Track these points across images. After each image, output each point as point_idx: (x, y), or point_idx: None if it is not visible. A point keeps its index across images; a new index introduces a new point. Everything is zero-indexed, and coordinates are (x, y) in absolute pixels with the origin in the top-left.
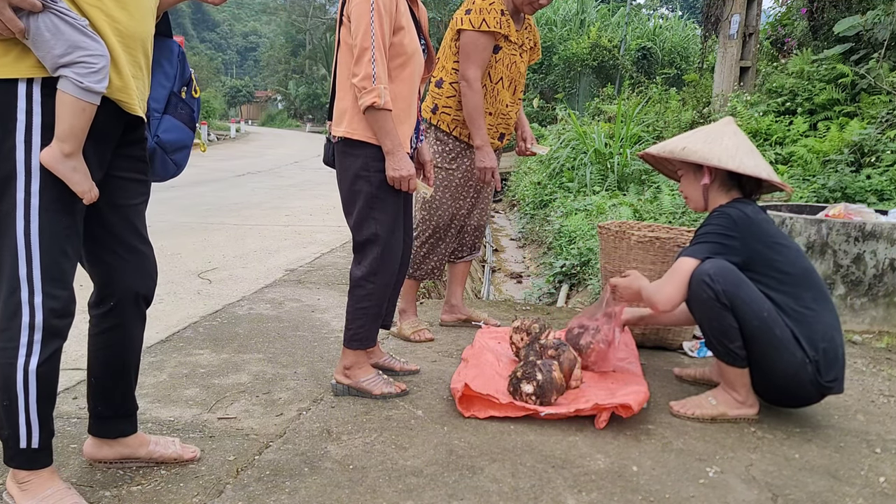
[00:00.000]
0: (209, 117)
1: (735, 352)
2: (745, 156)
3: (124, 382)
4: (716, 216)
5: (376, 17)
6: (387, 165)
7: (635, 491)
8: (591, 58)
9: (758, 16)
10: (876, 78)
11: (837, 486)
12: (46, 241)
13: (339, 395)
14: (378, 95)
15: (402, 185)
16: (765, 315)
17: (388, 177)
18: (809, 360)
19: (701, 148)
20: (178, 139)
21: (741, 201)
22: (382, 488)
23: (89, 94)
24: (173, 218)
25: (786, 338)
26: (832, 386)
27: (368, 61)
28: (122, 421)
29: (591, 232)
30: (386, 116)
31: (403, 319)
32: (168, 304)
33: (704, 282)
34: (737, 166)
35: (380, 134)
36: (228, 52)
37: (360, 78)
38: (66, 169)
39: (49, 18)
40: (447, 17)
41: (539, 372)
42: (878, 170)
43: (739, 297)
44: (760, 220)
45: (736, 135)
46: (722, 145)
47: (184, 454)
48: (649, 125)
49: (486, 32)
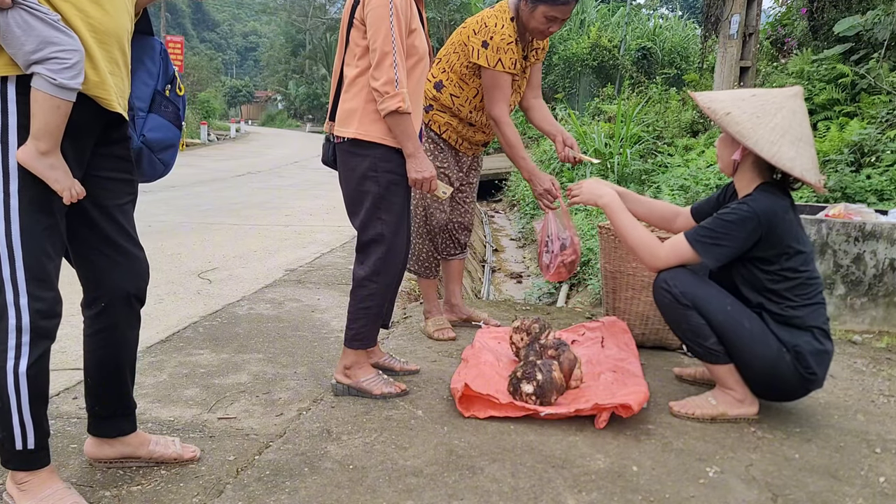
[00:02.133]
0: (209, 117)
1: (712, 349)
2: (789, 144)
3: (120, 382)
4: (742, 209)
5: (395, 21)
6: (409, 168)
7: (635, 491)
8: (591, 58)
9: (758, 16)
10: (876, 78)
11: (837, 486)
12: (28, 241)
13: (339, 394)
14: (403, 100)
15: (425, 187)
16: (728, 309)
17: (411, 179)
18: (787, 350)
19: (745, 122)
20: (164, 137)
21: (772, 191)
22: (382, 488)
23: (63, 91)
24: (173, 218)
25: (756, 329)
26: (813, 379)
27: (390, 66)
28: (120, 420)
29: (591, 232)
30: (409, 120)
31: (428, 318)
32: (168, 304)
33: (663, 288)
34: (772, 155)
35: (401, 137)
36: (228, 52)
37: (383, 82)
38: (43, 167)
39: (19, 14)
40: (447, 17)
41: (539, 372)
42: (878, 170)
43: (698, 295)
44: (787, 220)
45: (794, 114)
46: (770, 125)
47: (184, 454)
48: (649, 125)
49: (503, 71)
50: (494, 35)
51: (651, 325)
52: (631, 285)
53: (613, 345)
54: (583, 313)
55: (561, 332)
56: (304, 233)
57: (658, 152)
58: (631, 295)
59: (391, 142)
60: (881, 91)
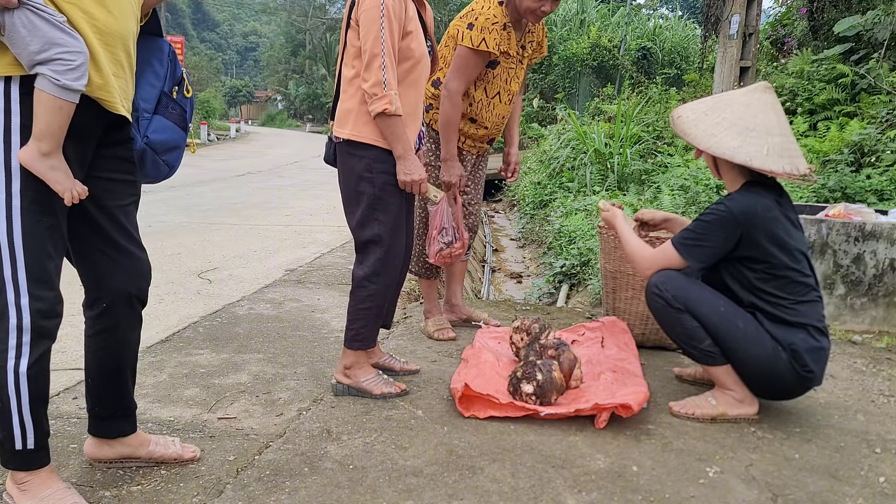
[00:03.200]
0: (209, 117)
1: (708, 351)
2: (734, 135)
3: (121, 383)
4: (719, 209)
5: (386, 22)
6: (398, 169)
7: (635, 491)
8: (591, 58)
9: (758, 16)
10: (876, 78)
11: (837, 486)
12: (29, 241)
13: (339, 394)
14: (389, 102)
15: (414, 189)
16: (721, 310)
17: (400, 181)
18: (783, 348)
19: (690, 121)
20: (168, 139)
21: (756, 190)
22: (382, 488)
23: (67, 92)
24: (173, 218)
25: (751, 329)
26: (810, 377)
27: (379, 67)
28: (120, 420)
29: (591, 232)
30: (397, 122)
31: (428, 318)
32: (168, 304)
33: (654, 293)
34: (708, 147)
35: (391, 139)
36: (228, 52)
37: (371, 84)
38: (44, 168)
39: (25, 14)
40: (447, 17)
41: (539, 372)
42: (878, 170)
43: (690, 297)
44: (771, 217)
45: (747, 107)
46: (714, 120)
47: (184, 454)
48: (649, 125)
49: (483, 52)
50: (479, 16)
51: (651, 325)
52: (631, 285)
53: (613, 345)
54: (583, 313)
55: (561, 332)
56: (304, 233)
57: (658, 152)
58: (631, 295)
59: (384, 144)
60: (881, 91)
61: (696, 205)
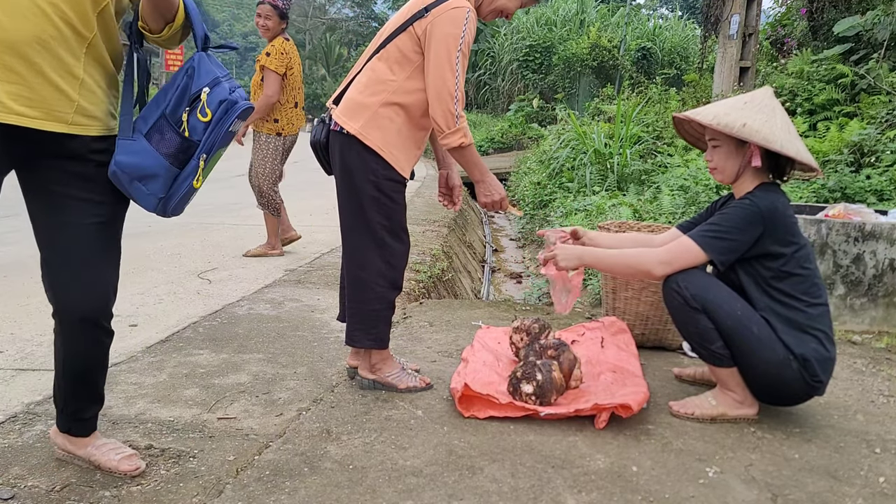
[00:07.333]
0: None
1: (717, 352)
2: (795, 139)
3: (84, 388)
4: (744, 203)
5: (462, 58)
6: (478, 192)
7: (635, 491)
8: (590, 58)
9: (757, 16)
10: (875, 78)
11: (837, 486)
12: None
13: (364, 388)
14: (465, 135)
15: (496, 208)
16: (738, 314)
17: (481, 203)
18: (794, 357)
19: (763, 129)
20: (139, 164)
21: (773, 189)
22: (382, 488)
23: None
24: (173, 218)
25: (764, 335)
26: (818, 386)
27: (451, 100)
28: (67, 419)
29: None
30: (472, 151)
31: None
32: (168, 304)
33: (674, 289)
34: (796, 152)
35: (468, 167)
36: (228, 52)
37: (443, 117)
38: None
39: None
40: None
41: (539, 372)
42: (878, 170)
43: (709, 298)
44: (788, 215)
45: (782, 111)
46: (778, 125)
47: (120, 466)
48: (649, 125)
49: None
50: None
51: (651, 325)
52: (631, 285)
53: (613, 345)
54: (583, 313)
55: (561, 332)
56: (304, 233)
57: (658, 152)
58: (631, 295)
59: (385, 153)
60: (881, 91)
61: (696, 205)
